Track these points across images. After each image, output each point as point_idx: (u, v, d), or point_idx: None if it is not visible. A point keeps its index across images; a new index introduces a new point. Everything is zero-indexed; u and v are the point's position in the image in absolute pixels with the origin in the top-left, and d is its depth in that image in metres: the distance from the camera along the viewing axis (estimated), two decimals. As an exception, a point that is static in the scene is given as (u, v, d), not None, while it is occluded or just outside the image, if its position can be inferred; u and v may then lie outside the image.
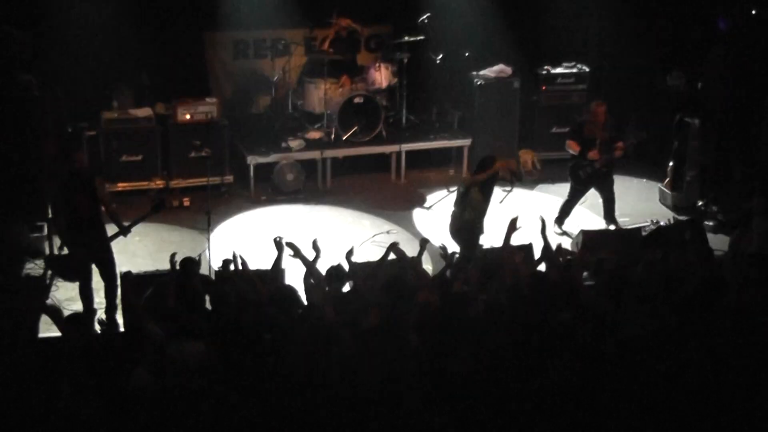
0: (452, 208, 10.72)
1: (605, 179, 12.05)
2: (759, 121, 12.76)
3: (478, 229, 10.50)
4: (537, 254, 9.61)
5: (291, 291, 8.19)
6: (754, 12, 12.68)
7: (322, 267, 8.66)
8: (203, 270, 9.38)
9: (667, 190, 13.22)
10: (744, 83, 12.79)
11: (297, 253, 8.71)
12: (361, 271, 8.95)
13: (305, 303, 8.18)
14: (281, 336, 7.28)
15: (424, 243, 9.23)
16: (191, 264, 8.82)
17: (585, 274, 9.07)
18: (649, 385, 6.60)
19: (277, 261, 8.92)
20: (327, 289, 8.48)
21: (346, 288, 8.64)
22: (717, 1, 13.30)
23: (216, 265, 10.07)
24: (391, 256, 8.89)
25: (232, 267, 8.68)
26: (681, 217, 12.30)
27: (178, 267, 8.66)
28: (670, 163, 13.21)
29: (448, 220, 10.73)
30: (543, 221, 9.16)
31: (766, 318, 7.30)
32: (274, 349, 7.16)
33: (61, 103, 12.35)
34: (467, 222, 10.45)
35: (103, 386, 6.96)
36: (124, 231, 9.49)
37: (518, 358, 6.92)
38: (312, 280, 8.50)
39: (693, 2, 13.80)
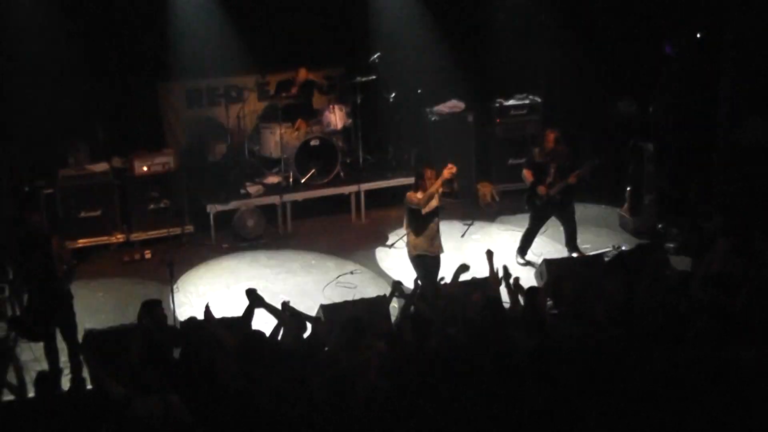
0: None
1: (565, 208, 12.13)
2: (711, 141, 12.92)
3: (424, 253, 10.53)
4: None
5: (259, 336, 8.17)
6: (698, 35, 12.90)
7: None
8: (169, 320, 9.31)
9: (626, 215, 13.32)
10: (694, 105, 12.98)
11: (267, 307, 8.76)
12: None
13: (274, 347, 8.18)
14: (249, 384, 7.26)
15: (396, 286, 9.39)
16: (154, 305, 8.81)
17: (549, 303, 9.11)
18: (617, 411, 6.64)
19: (248, 310, 8.89)
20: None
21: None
22: (663, 25, 13.51)
23: (181, 315, 10.06)
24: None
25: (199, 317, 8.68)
26: (641, 241, 12.40)
27: (141, 310, 8.66)
28: (628, 188, 13.32)
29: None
30: (506, 270, 9.31)
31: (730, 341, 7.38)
32: (242, 397, 7.13)
33: (16, 163, 12.27)
34: (414, 246, 10.50)
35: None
36: (65, 281, 9.42)
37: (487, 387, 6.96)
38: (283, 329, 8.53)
39: (639, 28, 13.99)
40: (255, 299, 8.89)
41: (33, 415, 7.75)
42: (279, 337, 8.48)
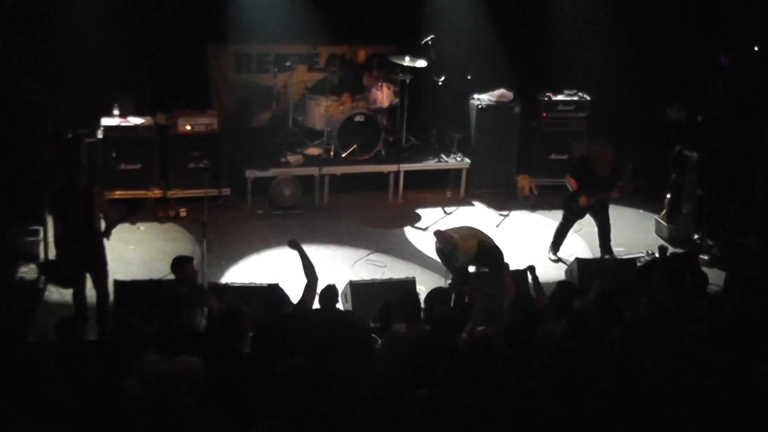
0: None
1: (600, 210, 12.06)
2: (756, 157, 12.77)
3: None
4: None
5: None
6: (756, 48, 12.73)
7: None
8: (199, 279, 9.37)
9: (663, 222, 13.22)
10: (743, 119, 12.82)
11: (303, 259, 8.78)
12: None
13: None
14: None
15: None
16: (185, 261, 8.90)
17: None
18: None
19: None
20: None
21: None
22: (720, 35, 13.36)
23: (210, 275, 10.11)
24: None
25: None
26: (676, 250, 12.29)
27: (172, 264, 8.77)
28: (668, 195, 13.21)
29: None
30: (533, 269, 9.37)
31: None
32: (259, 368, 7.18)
33: (62, 109, 12.34)
34: None
35: (93, 394, 6.93)
36: (105, 234, 9.47)
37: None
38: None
39: (697, 35, 13.85)
40: (297, 247, 8.91)
41: (56, 359, 7.83)
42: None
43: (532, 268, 9.49)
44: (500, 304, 8.88)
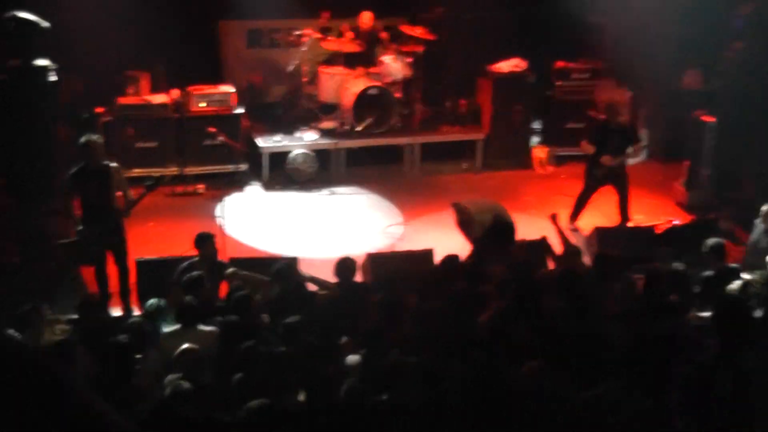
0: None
1: (621, 176, 12.01)
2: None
3: None
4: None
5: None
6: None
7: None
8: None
9: (681, 189, 13.16)
10: (759, 82, 12.74)
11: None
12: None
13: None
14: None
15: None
16: (207, 238, 8.96)
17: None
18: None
19: None
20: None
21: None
22: (734, 0, 13.25)
23: (229, 251, 10.14)
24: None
25: None
26: (695, 216, 12.25)
27: (195, 240, 8.81)
28: (686, 162, 13.16)
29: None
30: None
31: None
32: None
33: (77, 89, 12.35)
34: None
35: (116, 369, 6.99)
36: (125, 212, 9.50)
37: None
38: None
39: (710, 1, 13.73)
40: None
41: (79, 336, 7.90)
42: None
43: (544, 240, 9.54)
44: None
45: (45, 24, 11.46)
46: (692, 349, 6.92)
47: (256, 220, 12.22)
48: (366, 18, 14.20)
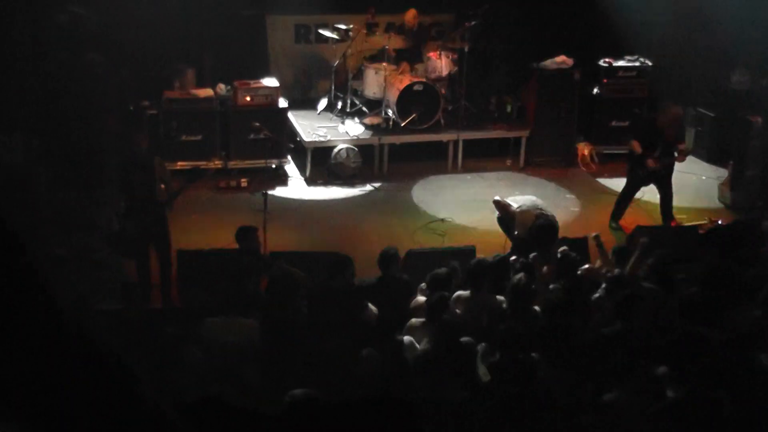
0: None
1: (664, 177, 11.94)
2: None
3: None
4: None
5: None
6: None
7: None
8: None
9: (726, 189, 13.06)
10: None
11: None
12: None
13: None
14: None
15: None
16: (251, 231, 9.04)
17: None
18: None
19: None
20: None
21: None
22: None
23: (271, 245, 10.22)
24: None
25: None
26: (739, 217, 12.14)
27: (237, 234, 8.89)
28: (731, 162, 13.05)
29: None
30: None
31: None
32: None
33: (124, 82, 12.52)
34: None
35: (155, 361, 7.08)
36: (168, 204, 9.63)
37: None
38: None
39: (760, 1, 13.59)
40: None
41: (122, 325, 8.00)
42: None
43: (597, 237, 9.48)
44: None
45: (94, 18, 11.67)
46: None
47: (299, 215, 12.29)
48: (411, 14, 14.22)
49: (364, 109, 14.22)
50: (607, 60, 14.56)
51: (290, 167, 13.60)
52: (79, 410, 2.67)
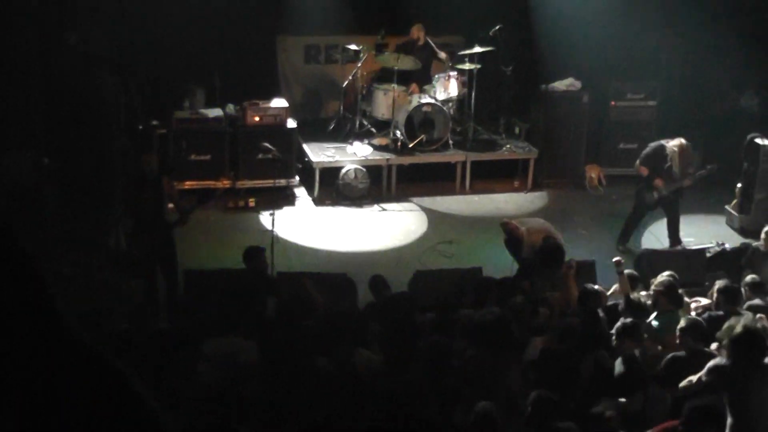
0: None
1: (672, 201, 11.92)
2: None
3: None
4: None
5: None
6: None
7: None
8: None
9: (734, 212, 13.04)
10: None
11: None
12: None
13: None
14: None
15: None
16: (258, 252, 9.06)
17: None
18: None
19: None
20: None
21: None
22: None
23: (279, 265, 10.23)
24: None
25: None
26: (746, 241, 12.09)
27: (245, 254, 8.91)
28: (739, 185, 13.02)
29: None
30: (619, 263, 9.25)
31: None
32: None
33: (134, 102, 12.57)
34: None
35: (164, 379, 7.09)
36: (181, 222, 9.65)
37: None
38: None
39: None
40: None
41: (130, 347, 8.02)
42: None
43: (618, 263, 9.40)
44: (563, 305, 8.84)
45: (105, 38, 11.74)
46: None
47: (307, 236, 12.31)
48: (416, 27, 14.26)
49: (373, 129, 14.24)
50: (615, 82, 14.55)
51: (298, 188, 13.60)
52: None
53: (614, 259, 9.41)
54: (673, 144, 11.70)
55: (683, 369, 7.06)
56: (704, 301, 9.07)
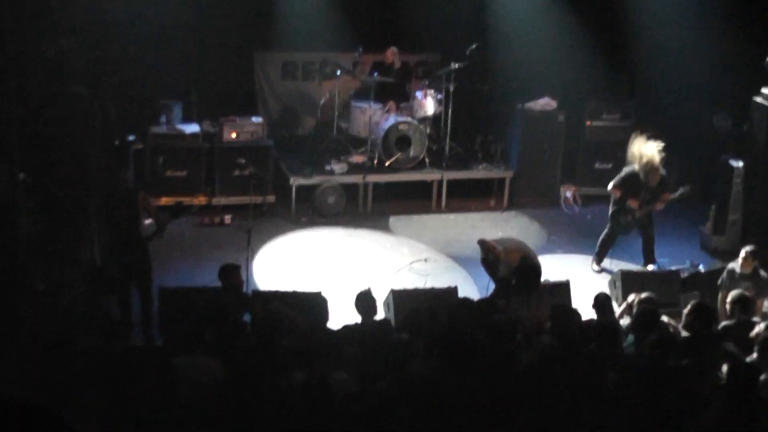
0: None
1: (647, 223, 11.99)
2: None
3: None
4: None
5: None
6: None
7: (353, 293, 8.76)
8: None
9: (708, 233, 13.11)
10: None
11: None
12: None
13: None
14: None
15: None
16: (233, 269, 9.01)
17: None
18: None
19: None
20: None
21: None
22: (764, 40, 13.20)
23: (254, 283, 10.21)
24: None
25: None
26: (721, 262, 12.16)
27: (220, 272, 8.87)
28: (713, 206, 13.10)
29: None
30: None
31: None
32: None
33: (110, 117, 12.52)
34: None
35: (139, 398, 7.05)
36: (159, 235, 9.61)
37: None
38: None
39: (740, 42, 13.70)
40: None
41: (103, 363, 7.96)
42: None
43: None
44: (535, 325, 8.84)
45: (81, 51, 11.68)
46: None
47: (282, 254, 12.28)
48: (390, 51, 14.30)
49: (350, 147, 14.25)
50: (591, 102, 14.62)
51: (274, 205, 13.57)
52: None
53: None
54: (640, 161, 11.76)
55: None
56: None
